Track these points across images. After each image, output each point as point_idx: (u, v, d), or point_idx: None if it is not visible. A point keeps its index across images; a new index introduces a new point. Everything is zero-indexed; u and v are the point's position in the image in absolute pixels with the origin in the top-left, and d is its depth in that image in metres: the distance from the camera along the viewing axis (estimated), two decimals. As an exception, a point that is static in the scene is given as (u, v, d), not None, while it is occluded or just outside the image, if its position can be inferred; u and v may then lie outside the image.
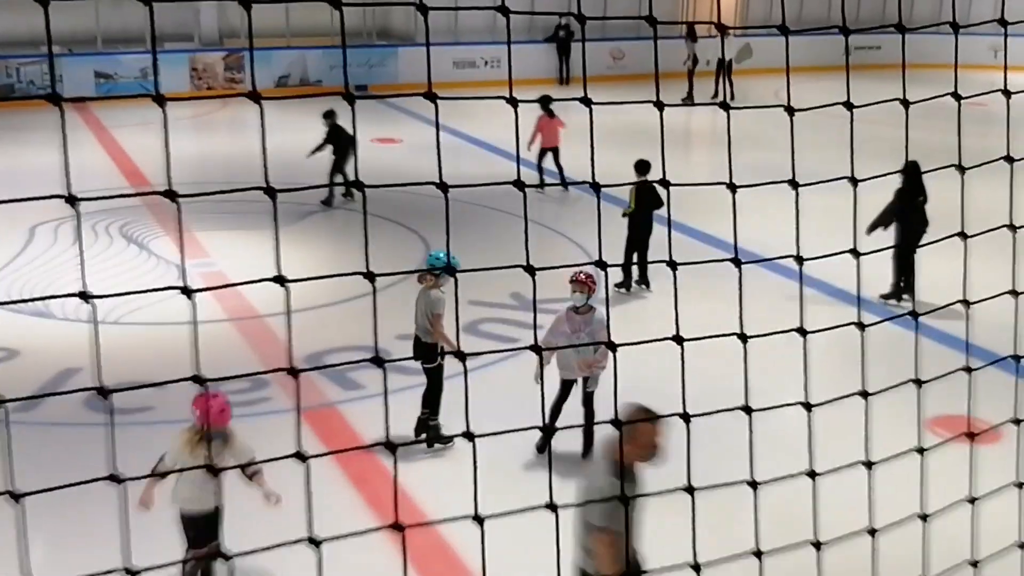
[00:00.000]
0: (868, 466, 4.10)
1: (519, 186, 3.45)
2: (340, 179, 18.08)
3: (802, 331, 4.05)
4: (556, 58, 31.52)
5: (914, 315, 4.49)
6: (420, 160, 21.00)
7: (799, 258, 4.27)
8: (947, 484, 4.66)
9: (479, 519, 3.46)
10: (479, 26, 31.41)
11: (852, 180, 4.51)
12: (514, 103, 3.94)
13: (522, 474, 9.14)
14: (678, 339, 3.79)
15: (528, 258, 3.63)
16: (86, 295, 3.10)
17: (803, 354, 4.16)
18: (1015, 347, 5.29)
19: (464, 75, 30.28)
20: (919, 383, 4.35)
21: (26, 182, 18.64)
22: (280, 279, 3.07)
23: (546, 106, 18.34)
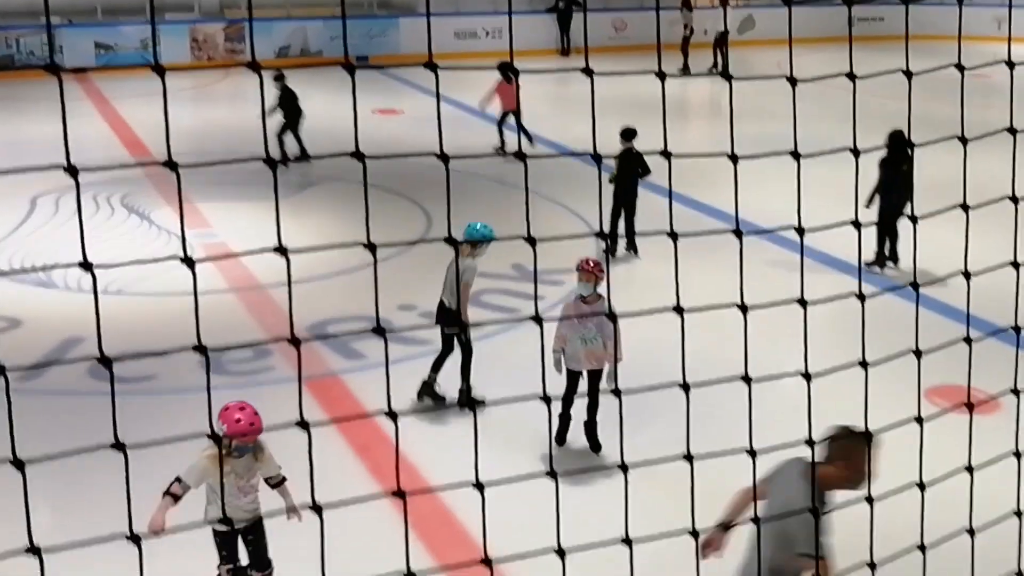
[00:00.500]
0: (868, 436, 4.12)
1: (519, 156, 3.45)
2: (291, 141, 18.50)
3: (802, 302, 4.07)
4: (557, 29, 31.39)
5: (915, 286, 4.50)
6: (422, 131, 20.97)
7: (800, 229, 4.27)
8: (945, 453, 4.68)
9: (479, 485, 3.49)
10: (481, -4, 31.31)
11: (854, 151, 4.51)
12: (515, 73, 3.94)
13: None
14: (678, 309, 3.80)
15: (529, 229, 3.64)
16: (88, 265, 3.11)
17: (803, 325, 4.18)
18: (1016, 318, 5.31)
19: (465, 46, 30.14)
20: (919, 353, 4.37)
21: (27, 153, 18.64)
22: (281, 249, 3.08)
23: (504, 72, 18.58)
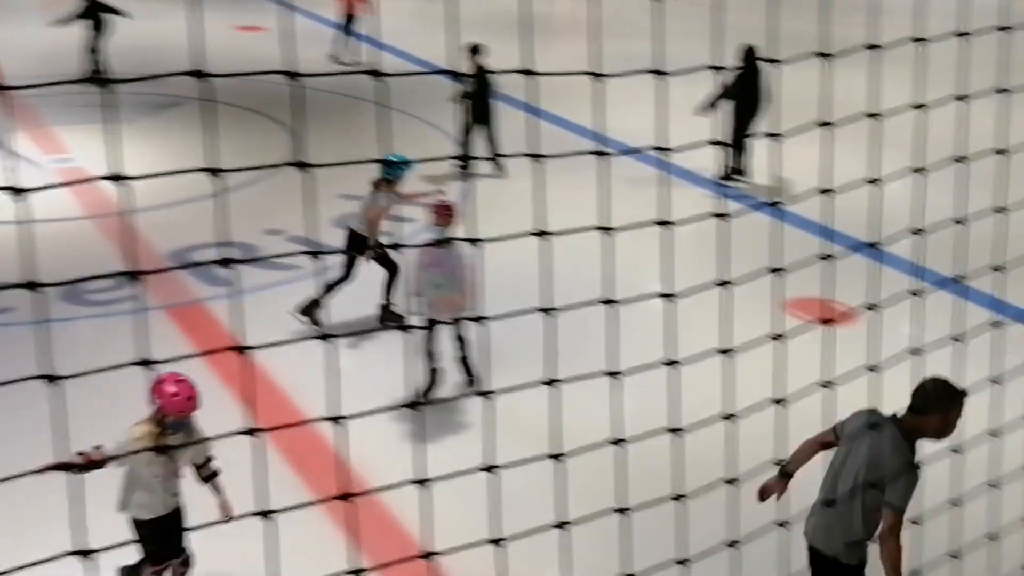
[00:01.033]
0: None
1: (374, 75, 3.34)
2: (95, 54, 18.13)
3: (665, 223, 4.07)
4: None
5: (776, 204, 4.54)
6: (286, 48, 20.45)
7: (663, 148, 4.26)
8: (804, 366, 4.77)
9: (337, 420, 3.42)
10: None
11: (714, 68, 4.51)
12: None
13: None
14: (541, 234, 3.76)
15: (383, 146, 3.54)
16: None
17: (666, 245, 4.20)
18: (873, 233, 5.42)
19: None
20: (778, 271, 4.42)
21: None
22: (116, 177, 2.91)
23: None
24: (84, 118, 15.80)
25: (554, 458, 3.78)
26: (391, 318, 10.19)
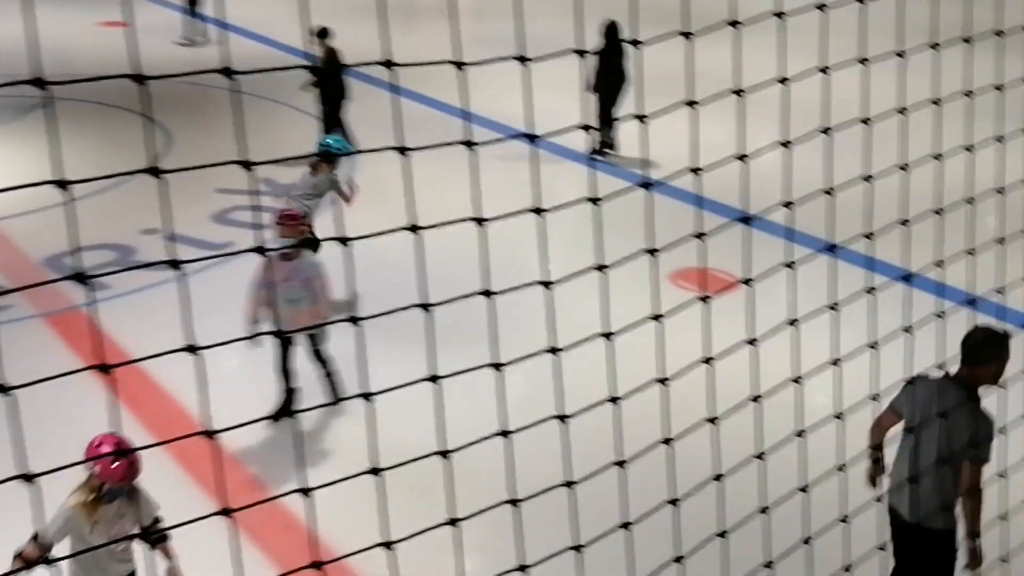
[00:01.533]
0: (607, 336, 4.17)
1: (226, 73, 3.23)
2: None
3: (538, 210, 4.04)
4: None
5: (646, 185, 4.54)
6: (152, 45, 19.88)
7: (532, 136, 4.23)
8: (688, 340, 4.80)
9: (209, 434, 3.34)
10: None
11: (579, 52, 4.49)
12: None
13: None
14: (414, 228, 3.71)
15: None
16: None
17: (541, 232, 4.18)
18: (746, 206, 5.48)
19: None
20: (654, 252, 4.44)
21: None
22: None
23: None
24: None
25: (443, 455, 3.74)
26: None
